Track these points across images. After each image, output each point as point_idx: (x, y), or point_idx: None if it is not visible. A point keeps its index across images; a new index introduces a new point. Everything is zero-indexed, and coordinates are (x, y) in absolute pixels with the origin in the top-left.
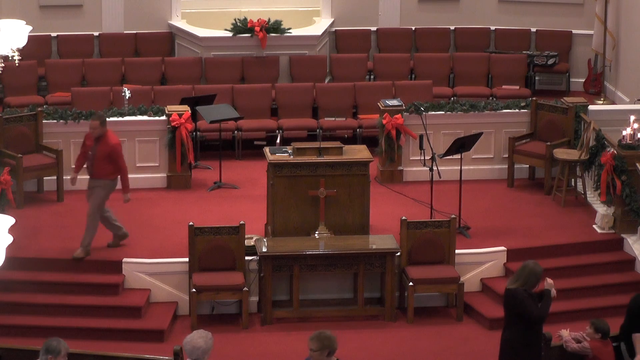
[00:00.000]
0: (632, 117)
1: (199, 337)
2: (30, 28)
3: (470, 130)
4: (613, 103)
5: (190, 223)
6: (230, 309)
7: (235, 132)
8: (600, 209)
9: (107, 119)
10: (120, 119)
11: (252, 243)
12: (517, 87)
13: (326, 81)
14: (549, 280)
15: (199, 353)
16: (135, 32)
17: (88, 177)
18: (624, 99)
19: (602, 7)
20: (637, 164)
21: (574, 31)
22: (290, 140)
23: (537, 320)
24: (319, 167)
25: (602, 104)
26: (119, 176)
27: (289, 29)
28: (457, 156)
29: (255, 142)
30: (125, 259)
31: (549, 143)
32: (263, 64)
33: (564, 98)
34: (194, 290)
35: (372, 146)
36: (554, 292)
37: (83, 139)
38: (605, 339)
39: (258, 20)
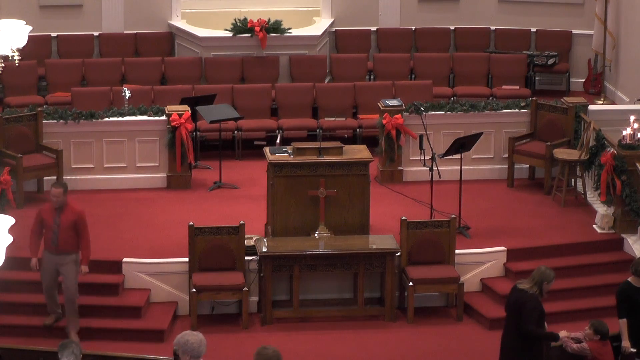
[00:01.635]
0: (632, 117)
1: (195, 334)
2: (30, 28)
3: (470, 130)
4: (613, 103)
5: (190, 223)
6: (230, 309)
7: (235, 132)
8: (600, 209)
9: (108, 119)
10: (120, 119)
11: (252, 243)
12: (517, 87)
13: (326, 81)
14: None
15: (204, 345)
16: (135, 32)
17: (49, 253)
18: (624, 99)
19: (602, 7)
20: (637, 164)
21: (574, 31)
22: (290, 140)
23: (525, 334)
24: (319, 167)
25: (602, 104)
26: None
27: (289, 29)
28: (457, 156)
29: (255, 142)
30: (125, 259)
31: (549, 143)
32: (263, 64)
33: (564, 98)
34: (194, 290)
35: (372, 146)
36: (563, 335)
37: (37, 215)
38: (605, 340)
39: (258, 20)
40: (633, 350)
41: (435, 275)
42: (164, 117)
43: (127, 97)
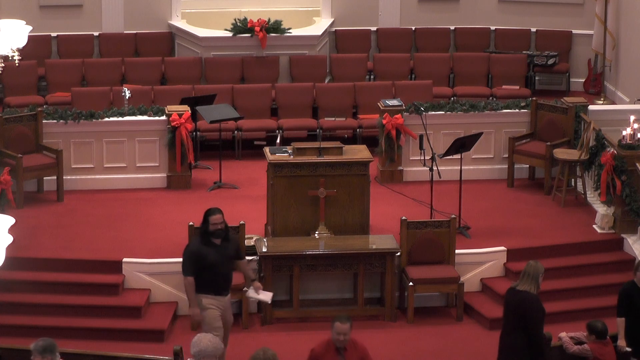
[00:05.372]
0: (632, 117)
1: (211, 339)
2: (30, 28)
3: (470, 130)
4: (613, 103)
5: (190, 223)
6: None
7: (235, 132)
8: (600, 209)
9: (108, 119)
10: (120, 119)
11: (252, 243)
12: (517, 87)
13: (326, 81)
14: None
15: (222, 349)
16: (135, 32)
17: None
18: (624, 99)
19: (602, 7)
20: (637, 164)
21: (574, 31)
22: (290, 140)
23: (537, 339)
24: (319, 167)
25: (602, 104)
26: None
27: (289, 29)
28: (457, 156)
29: (255, 142)
30: (125, 259)
31: (549, 143)
32: (263, 64)
33: (564, 98)
34: None
35: (372, 146)
36: (563, 336)
37: (311, 355)
38: (604, 339)
39: (258, 20)
40: (628, 349)
41: (435, 275)
42: (164, 117)
43: (127, 97)
